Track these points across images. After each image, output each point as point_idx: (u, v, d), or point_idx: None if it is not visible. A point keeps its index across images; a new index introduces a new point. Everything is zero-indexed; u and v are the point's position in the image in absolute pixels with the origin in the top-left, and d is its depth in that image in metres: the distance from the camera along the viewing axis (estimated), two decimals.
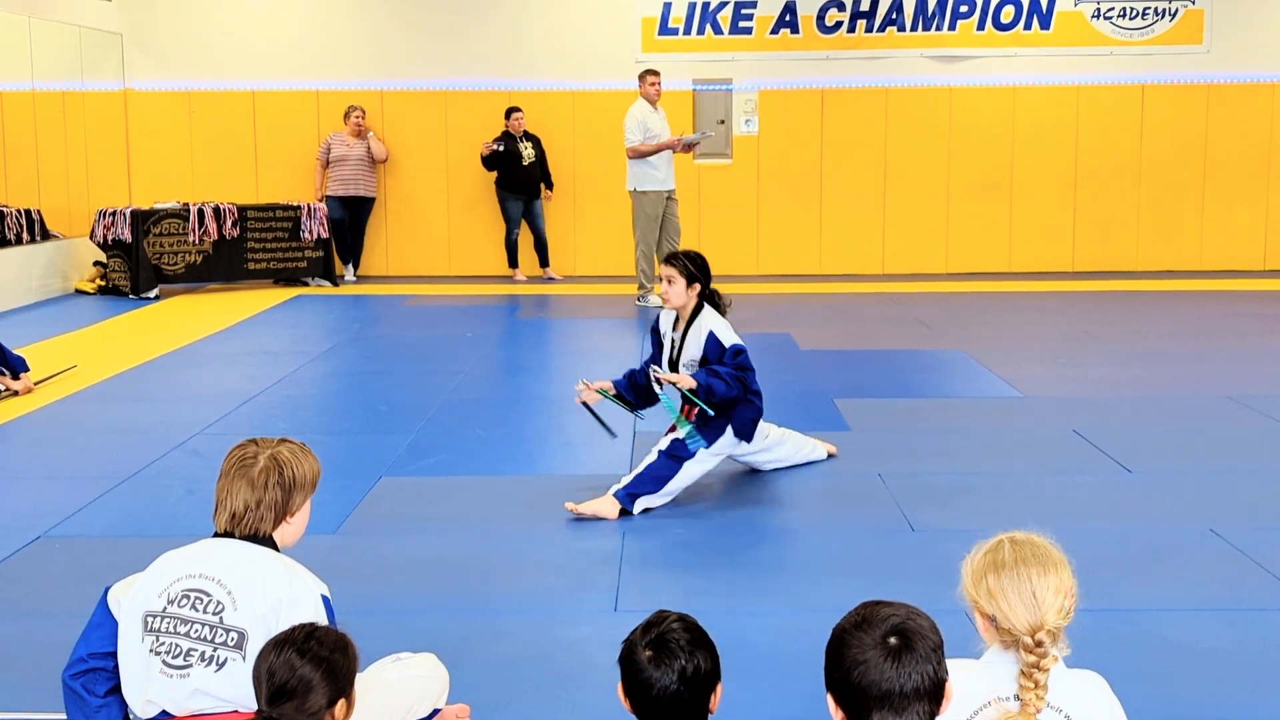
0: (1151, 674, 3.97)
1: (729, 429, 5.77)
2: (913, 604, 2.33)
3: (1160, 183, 14.19)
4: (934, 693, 2.22)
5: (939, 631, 2.28)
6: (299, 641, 2.63)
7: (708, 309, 5.81)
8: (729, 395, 5.64)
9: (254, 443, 3.10)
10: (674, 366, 5.85)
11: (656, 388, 5.84)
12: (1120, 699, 2.59)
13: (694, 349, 5.77)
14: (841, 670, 2.24)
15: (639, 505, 5.60)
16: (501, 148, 13.58)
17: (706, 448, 5.72)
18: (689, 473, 5.71)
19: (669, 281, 5.78)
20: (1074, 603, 2.46)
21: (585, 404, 5.95)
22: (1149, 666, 4.02)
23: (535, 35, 14.22)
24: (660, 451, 5.70)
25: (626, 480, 5.65)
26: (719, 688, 2.45)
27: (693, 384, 5.63)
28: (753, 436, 5.89)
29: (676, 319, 5.91)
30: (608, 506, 5.53)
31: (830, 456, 6.47)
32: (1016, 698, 2.40)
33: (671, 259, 5.84)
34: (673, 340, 5.89)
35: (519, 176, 13.74)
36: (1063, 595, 2.43)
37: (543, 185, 13.95)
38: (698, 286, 5.78)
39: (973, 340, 9.99)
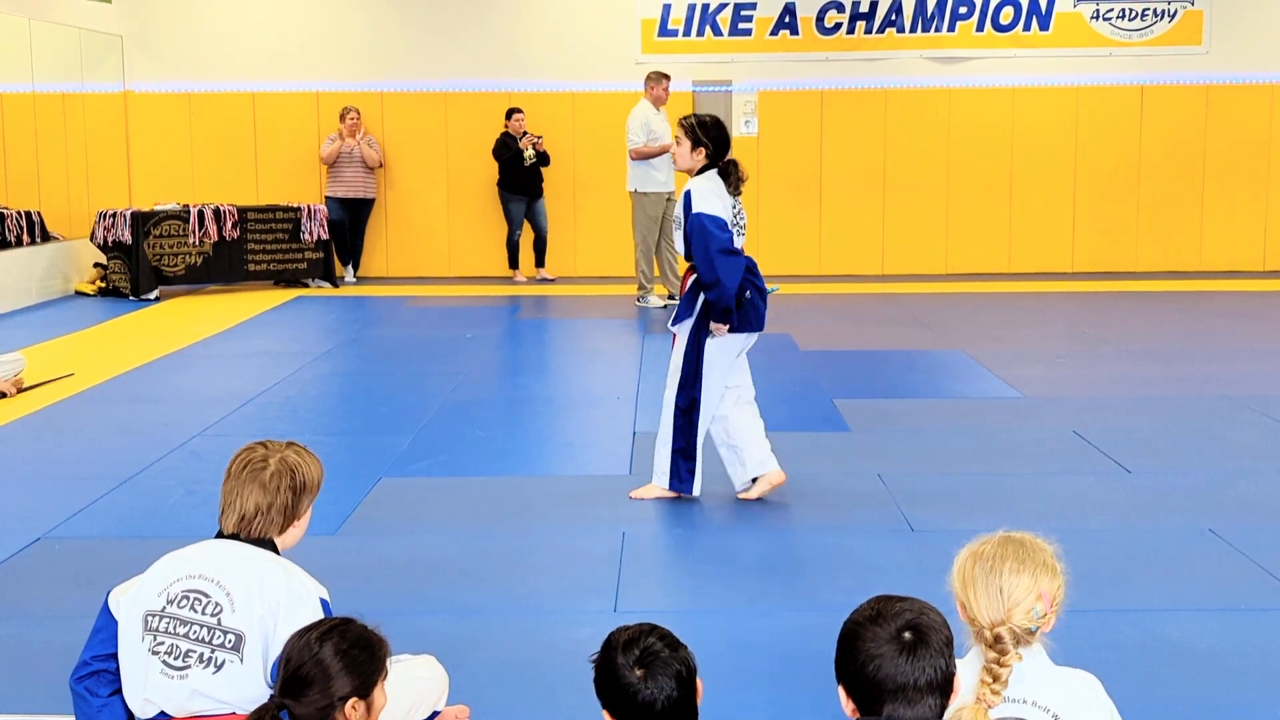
0: (1150, 674, 3.97)
1: (697, 310, 5.61)
2: None
3: (1159, 183, 14.20)
4: (945, 686, 2.25)
5: (949, 626, 2.31)
6: (323, 631, 2.62)
7: (706, 174, 5.65)
8: (709, 281, 5.47)
9: (262, 445, 3.10)
10: None
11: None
12: (1120, 699, 2.58)
13: (677, 209, 5.71)
14: (855, 663, 2.26)
15: (696, 484, 5.67)
16: (543, 146, 13.57)
17: (679, 321, 5.64)
18: (707, 394, 5.63)
19: (676, 141, 5.71)
20: (1054, 610, 2.42)
21: None
22: (1148, 666, 4.03)
23: (535, 36, 14.23)
24: (670, 409, 5.69)
25: (664, 466, 5.71)
26: (698, 678, 2.48)
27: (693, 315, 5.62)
28: (728, 319, 5.54)
29: None
30: (656, 490, 5.65)
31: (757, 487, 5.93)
32: (1011, 699, 2.39)
33: (683, 119, 5.73)
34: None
35: (521, 178, 13.74)
36: (1035, 596, 2.38)
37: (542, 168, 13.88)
38: (703, 151, 5.65)
39: (972, 341, 9.99)
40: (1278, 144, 14.12)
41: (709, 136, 5.65)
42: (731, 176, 5.67)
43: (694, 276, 5.63)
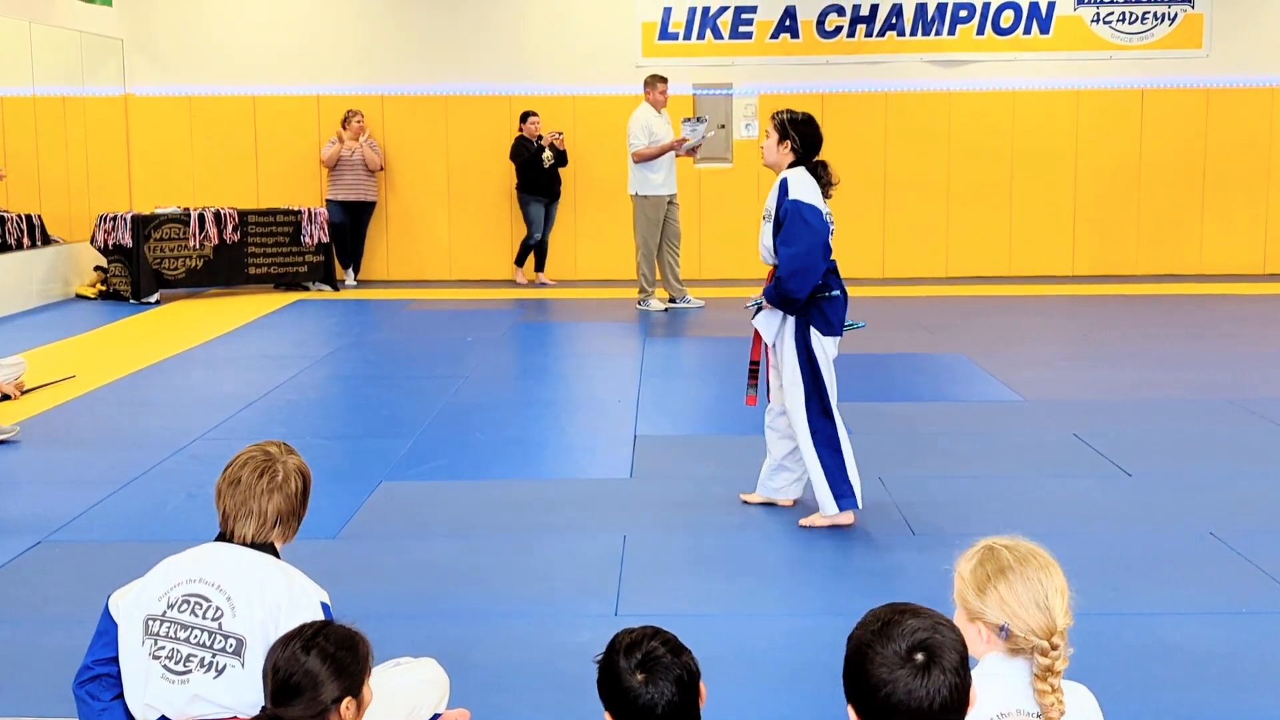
0: (1151, 677, 3.97)
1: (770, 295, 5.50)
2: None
3: (1160, 187, 14.20)
4: (961, 704, 2.18)
5: (963, 642, 2.22)
6: (307, 637, 2.63)
7: (800, 169, 5.52)
8: (787, 270, 5.36)
9: (263, 451, 3.09)
10: None
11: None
12: (1121, 702, 2.59)
13: (770, 200, 5.56)
14: (866, 686, 2.17)
15: (857, 494, 5.49)
16: (563, 144, 13.56)
17: (761, 306, 5.54)
18: (832, 393, 5.46)
19: (766, 134, 5.61)
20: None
21: None
22: (1149, 670, 4.02)
23: (536, 40, 14.23)
24: (805, 436, 5.50)
25: (824, 491, 5.48)
26: (701, 684, 2.47)
27: (760, 299, 5.54)
28: (787, 309, 5.47)
29: None
30: (845, 517, 5.49)
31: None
32: (1027, 713, 2.35)
33: (775, 114, 5.61)
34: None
35: (541, 180, 13.72)
36: (1064, 594, 2.41)
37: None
38: (788, 145, 5.52)
39: (973, 344, 9.99)
40: (1278, 147, 14.12)
41: (798, 132, 5.53)
42: (822, 178, 5.57)
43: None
